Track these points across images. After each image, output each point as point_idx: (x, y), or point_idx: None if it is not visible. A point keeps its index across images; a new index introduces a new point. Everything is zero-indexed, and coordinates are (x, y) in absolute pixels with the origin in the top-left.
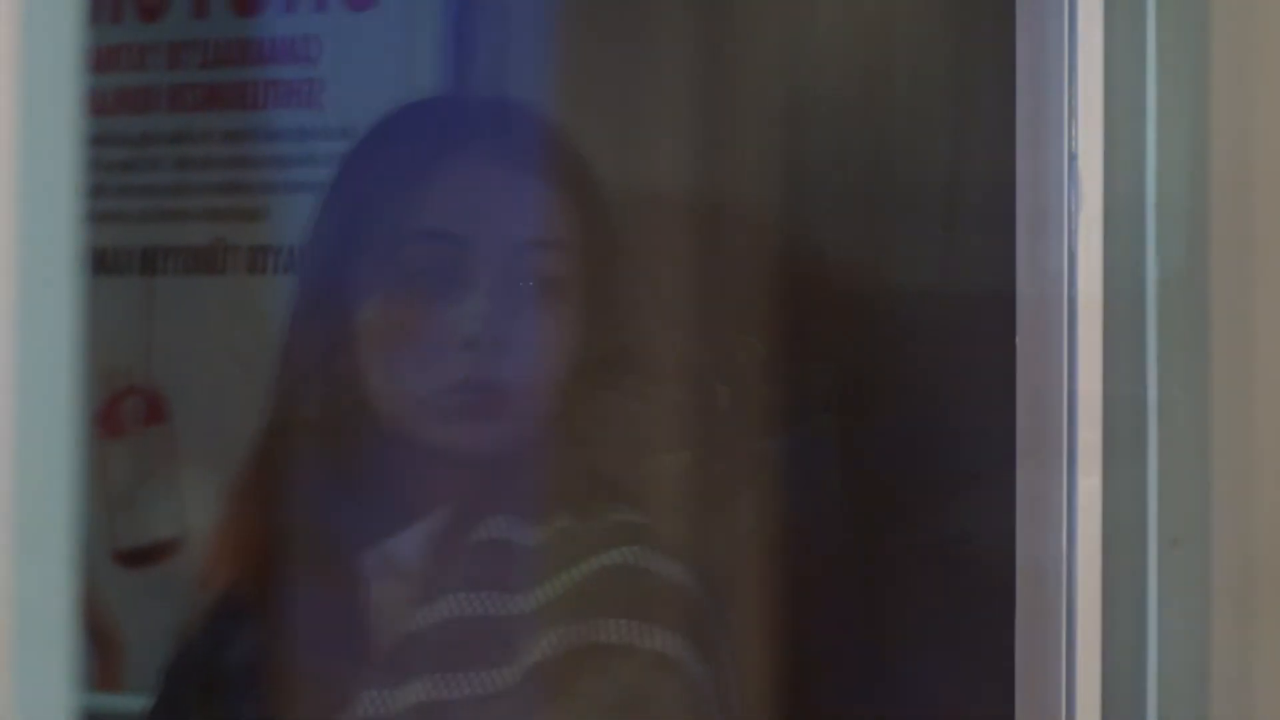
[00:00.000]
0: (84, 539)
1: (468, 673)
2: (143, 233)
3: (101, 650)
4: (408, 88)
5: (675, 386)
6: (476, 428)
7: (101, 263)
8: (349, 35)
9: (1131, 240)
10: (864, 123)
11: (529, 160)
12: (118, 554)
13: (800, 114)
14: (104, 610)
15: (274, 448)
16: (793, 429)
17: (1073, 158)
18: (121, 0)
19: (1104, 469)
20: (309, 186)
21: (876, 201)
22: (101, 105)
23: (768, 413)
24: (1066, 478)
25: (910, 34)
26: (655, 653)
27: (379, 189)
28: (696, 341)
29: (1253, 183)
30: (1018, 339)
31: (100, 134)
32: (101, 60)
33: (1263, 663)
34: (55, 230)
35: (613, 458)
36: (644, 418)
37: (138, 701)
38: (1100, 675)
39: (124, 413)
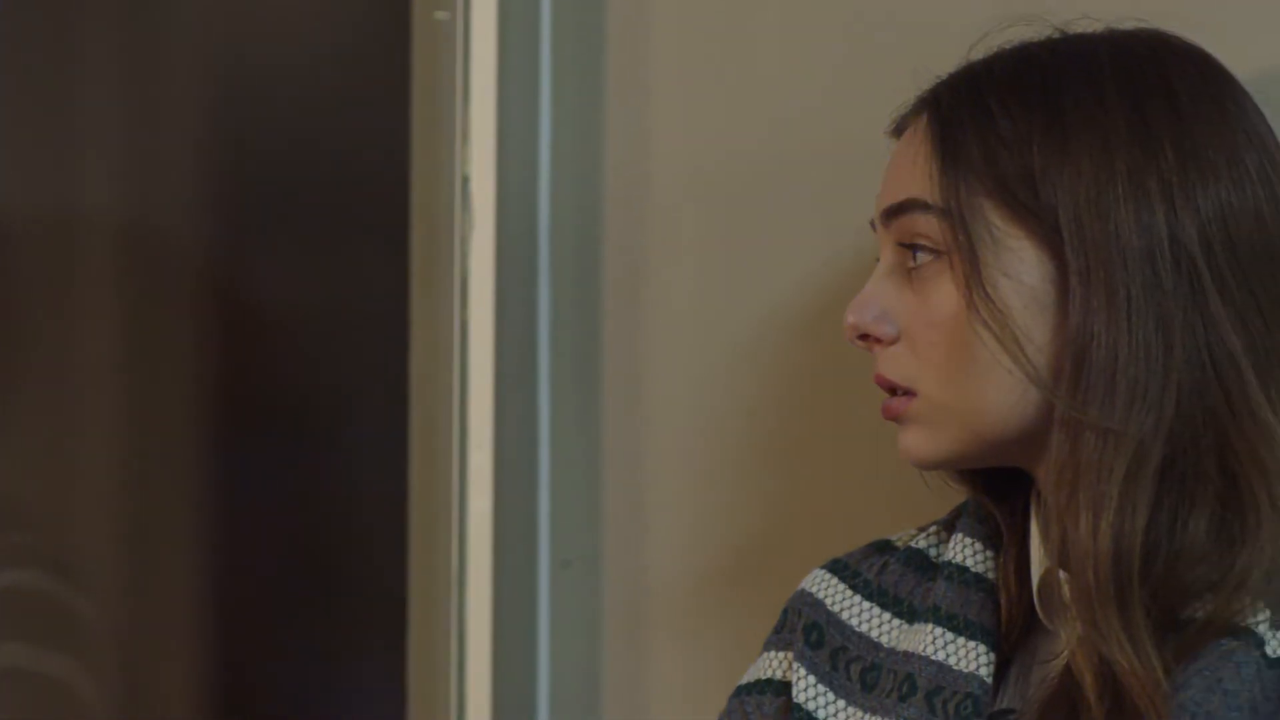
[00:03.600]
0: None
1: None
2: None
3: None
4: None
5: (78, 400)
6: None
7: None
8: None
9: (524, 264)
10: (262, 142)
11: None
12: None
13: (205, 126)
14: None
15: None
16: (194, 445)
17: (465, 180)
18: None
19: (495, 492)
20: None
21: (273, 220)
22: None
23: (170, 427)
24: (458, 499)
25: (305, 57)
26: (45, 676)
27: None
28: (102, 356)
29: (645, 208)
30: (410, 361)
31: None
32: None
33: (652, 674)
34: None
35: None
36: (42, 435)
37: None
38: (491, 688)
39: None
